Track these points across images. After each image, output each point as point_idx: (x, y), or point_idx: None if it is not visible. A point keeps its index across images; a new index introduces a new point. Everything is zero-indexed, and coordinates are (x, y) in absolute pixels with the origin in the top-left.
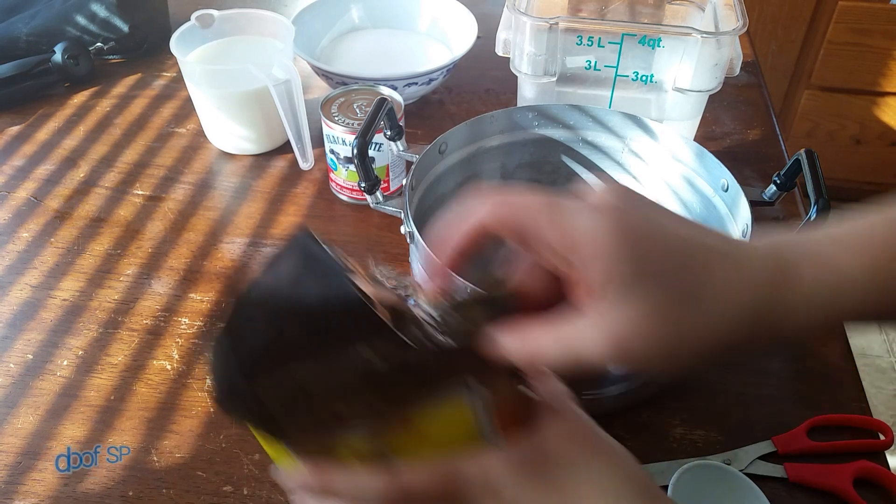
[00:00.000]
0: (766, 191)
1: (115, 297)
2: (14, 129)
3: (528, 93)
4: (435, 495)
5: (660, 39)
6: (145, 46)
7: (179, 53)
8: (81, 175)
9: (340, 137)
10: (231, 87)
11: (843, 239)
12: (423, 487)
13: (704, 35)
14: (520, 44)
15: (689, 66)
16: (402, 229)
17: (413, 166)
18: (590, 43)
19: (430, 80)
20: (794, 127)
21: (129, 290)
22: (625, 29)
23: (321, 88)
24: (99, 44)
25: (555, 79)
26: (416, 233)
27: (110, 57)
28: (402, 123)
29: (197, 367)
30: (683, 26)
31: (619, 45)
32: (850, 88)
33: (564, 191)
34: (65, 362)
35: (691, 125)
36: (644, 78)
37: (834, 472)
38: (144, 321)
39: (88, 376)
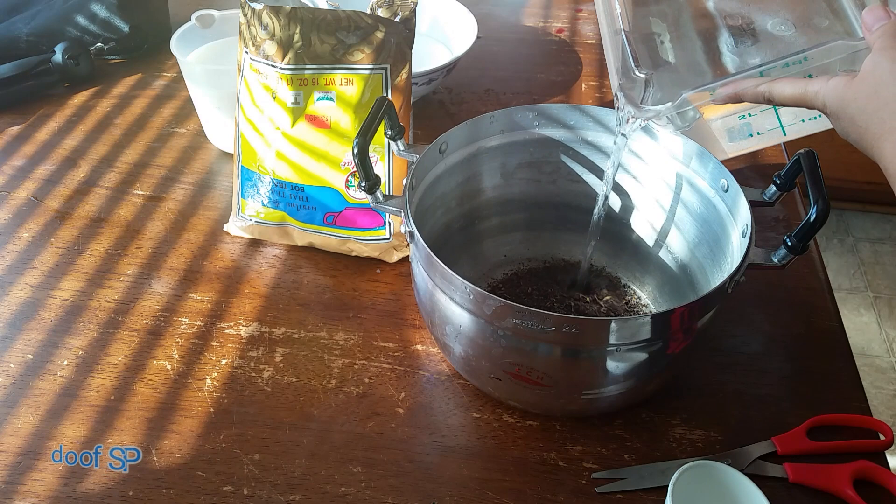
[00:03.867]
0: (766, 191)
1: (115, 297)
2: (14, 129)
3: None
4: None
5: (805, 58)
6: (145, 46)
7: (180, 53)
8: (81, 175)
9: None
10: (231, 87)
11: None
12: None
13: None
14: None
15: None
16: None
17: (413, 166)
18: None
19: (430, 80)
20: None
21: (129, 290)
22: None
23: None
24: (99, 44)
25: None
26: (417, 233)
27: (110, 57)
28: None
29: (197, 366)
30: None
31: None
32: None
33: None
34: (65, 362)
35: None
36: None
37: (834, 472)
38: (144, 321)
39: (88, 376)
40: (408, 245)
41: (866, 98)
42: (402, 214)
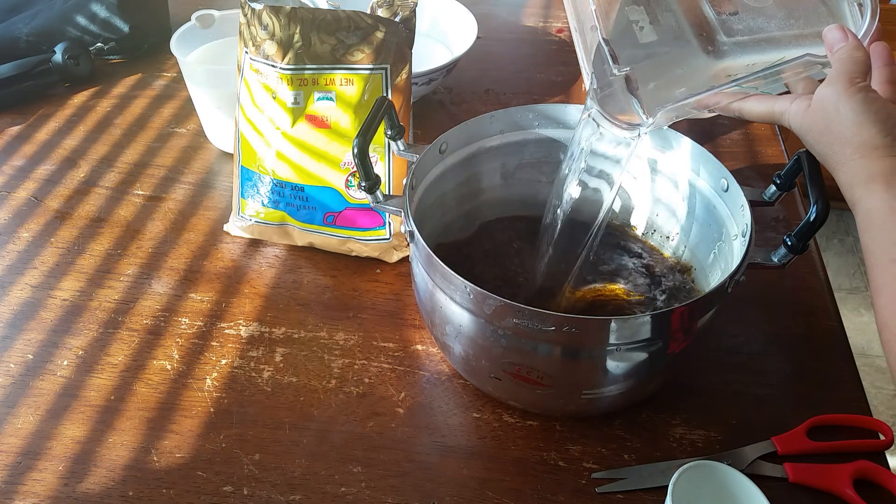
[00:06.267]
0: (766, 191)
1: (115, 297)
2: (14, 129)
3: None
4: None
5: (777, 70)
6: (145, 46)
7: (179, 53)
8: (81, 175)
9: None
10: (231, 86)
11: None
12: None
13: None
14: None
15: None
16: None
17: (413, 166)
18: None
19: (430, 80)
20: None
21: (129, 290)
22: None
23: None
24: (99, 44)
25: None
26: (417, 232)
27: (110, 57)
28: None
29: (197, 366)
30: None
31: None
32: None
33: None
34: (65, 362)
35: None
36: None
37: (834, 472)
38: (144, 321)
39: (88, 376)
40: (408, 245)
41: (819, 132)
42: (402, 214)
